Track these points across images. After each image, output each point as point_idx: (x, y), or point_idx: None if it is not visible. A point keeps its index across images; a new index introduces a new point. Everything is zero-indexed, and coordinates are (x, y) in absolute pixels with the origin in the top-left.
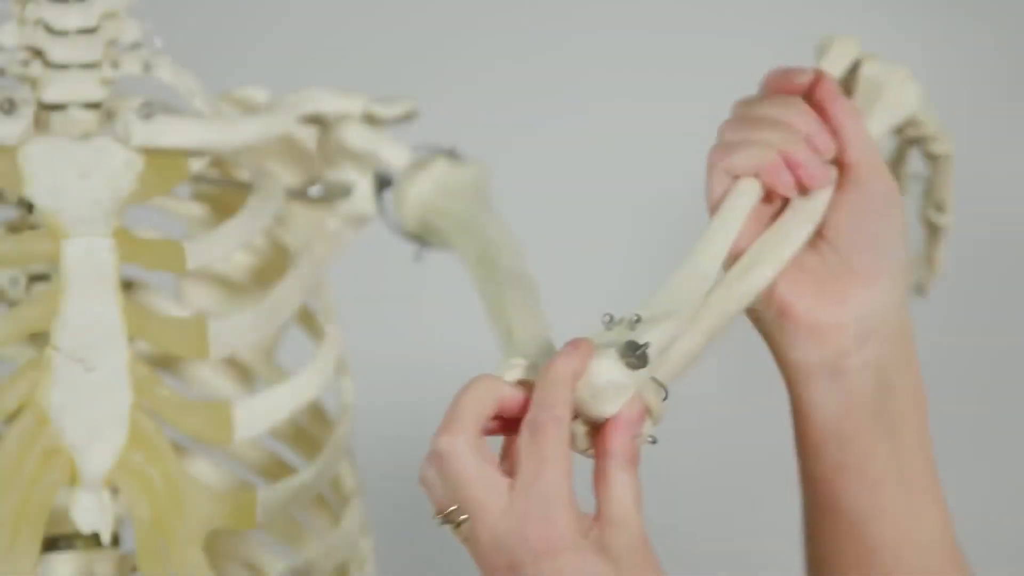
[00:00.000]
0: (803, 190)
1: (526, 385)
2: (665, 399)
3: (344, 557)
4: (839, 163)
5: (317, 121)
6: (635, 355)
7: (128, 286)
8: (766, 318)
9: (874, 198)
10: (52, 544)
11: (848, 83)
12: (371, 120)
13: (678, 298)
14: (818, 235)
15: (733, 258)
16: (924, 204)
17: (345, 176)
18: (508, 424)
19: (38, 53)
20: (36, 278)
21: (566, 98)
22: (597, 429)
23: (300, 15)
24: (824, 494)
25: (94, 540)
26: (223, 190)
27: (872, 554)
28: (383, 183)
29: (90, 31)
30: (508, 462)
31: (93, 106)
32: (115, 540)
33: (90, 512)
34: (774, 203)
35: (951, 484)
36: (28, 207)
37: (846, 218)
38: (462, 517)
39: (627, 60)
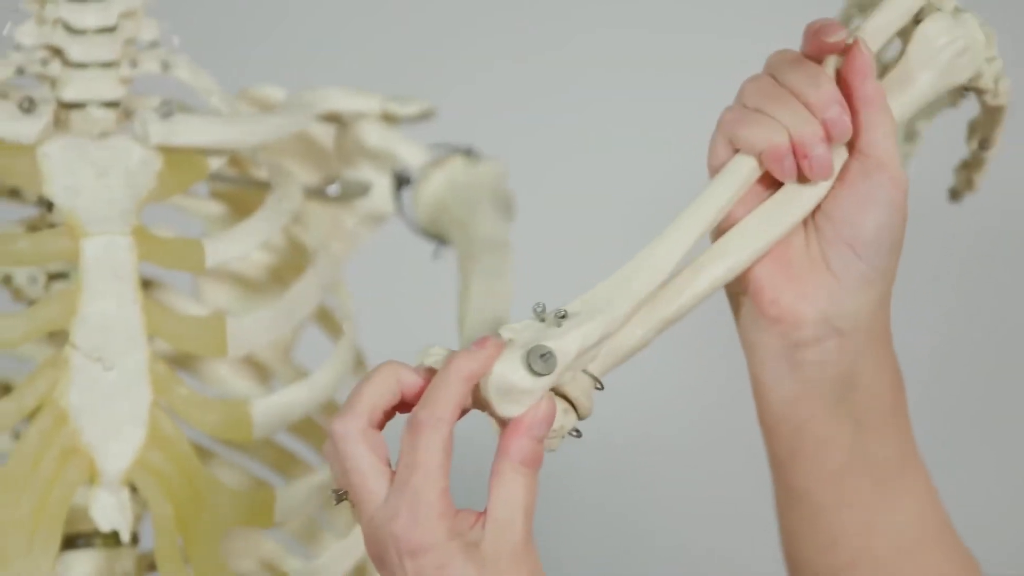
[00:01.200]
0: (803, 179)
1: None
2: (601, 388)
3: (362, 557)
4: (852, 148)
5: (334, 120)
6: (540, 361)
7: (146, 285)
8: (731, 290)
9: (876, 197)
10: (71, 542)
11: (907, 36)
12: (388, 119)
13: (620, 293)
14: (811, 216)
15: (721, 231)
16: (969, 136)
17: (363, 175)
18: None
19: (57, 52)
20: (55, 277)
21: (570, 98)
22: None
23: (316, 14)
24: (783, 474)
25: (113, 538)
26: (241, 189)
27: (835, 541)
28: (401, 182)
29: (109, 30)
30: None
31: (112, 105)
32: (134, 539)
33: (109, 511)
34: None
35: (956, 483)
36: (47, 206)
37: (842, 210)
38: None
39: (630, 60)
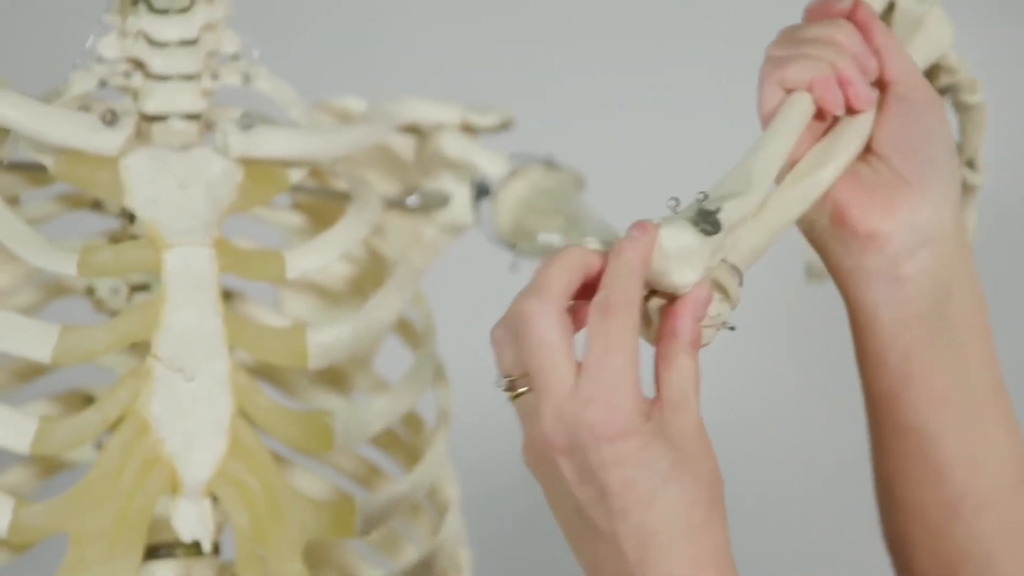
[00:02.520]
0: (850, 110)
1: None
2: (741, 284)
3: (442, 567)
4: (880, 82)
5: (414, 130)
6: (707, 221)
7: (228, 296)
8: (820, 226)
9: (917, 109)
10: (153, 552)
11: (885, 20)
12: (468, 129)
13: (743, 182)
14: (868, 151)
15: (787, 169)
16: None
17: (442, 185)
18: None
19: (139, 65)
20: (137, 288)
21: (647, 108)
22: (666, 309)
23: (395, 26)
24: (889, 411)
25: (195, 548)
26: (321, 200)
27: (941, 475)
28: (481, 192)
29: (190, 43)
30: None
31: (193, 117)
32: (215, 548)
33: (191, 521)
34: (822, 122)
35: None
36: (129, 217)
37: (892, 131)
38: (524, 388)
39: (709, 70)
